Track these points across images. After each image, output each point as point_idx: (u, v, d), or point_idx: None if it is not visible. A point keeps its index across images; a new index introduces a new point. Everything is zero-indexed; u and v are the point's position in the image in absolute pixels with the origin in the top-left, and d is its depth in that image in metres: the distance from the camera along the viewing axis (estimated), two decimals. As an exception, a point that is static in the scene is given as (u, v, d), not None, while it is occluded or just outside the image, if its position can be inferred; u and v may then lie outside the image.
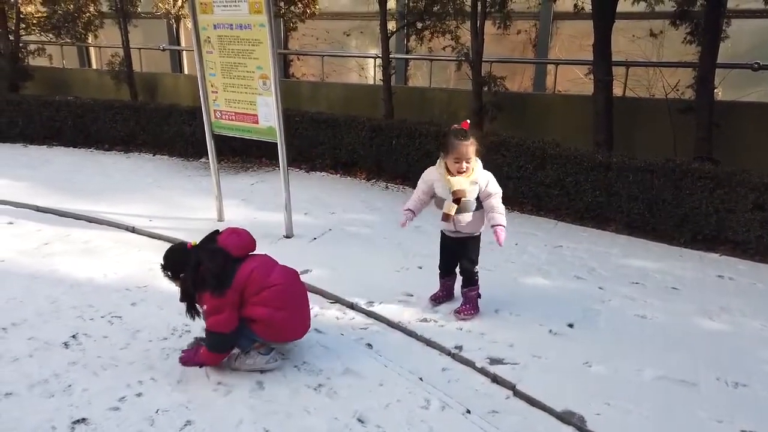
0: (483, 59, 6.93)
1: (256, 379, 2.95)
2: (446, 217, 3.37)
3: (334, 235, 5.03)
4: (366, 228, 5.22)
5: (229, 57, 4.62)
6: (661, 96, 6.70)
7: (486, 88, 6.96)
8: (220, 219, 5.29)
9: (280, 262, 3.14)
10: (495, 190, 3.39)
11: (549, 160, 5.46)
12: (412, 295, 3.89)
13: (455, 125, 3.35)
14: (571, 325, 3.52)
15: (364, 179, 6.94)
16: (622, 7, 6.24)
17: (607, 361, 3.13)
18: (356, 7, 10.48)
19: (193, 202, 5.85)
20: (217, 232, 3.09)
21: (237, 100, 4.73)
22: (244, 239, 3.05)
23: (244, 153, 7.79)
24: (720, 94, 6.56)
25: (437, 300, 3.78)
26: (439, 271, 3.79)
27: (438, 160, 3.42)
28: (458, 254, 3.60)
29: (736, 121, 6.11)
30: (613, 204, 5.20)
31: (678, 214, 4.87)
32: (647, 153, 5.42)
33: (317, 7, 8.23)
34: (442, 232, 3.63)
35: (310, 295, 3.94)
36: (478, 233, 3.53)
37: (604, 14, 6.03)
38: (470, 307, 3.60)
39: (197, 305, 2.90)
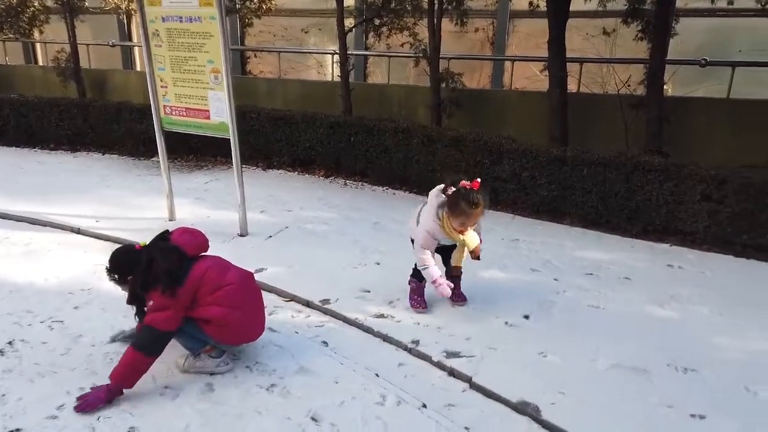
0: (441, 56, 6.94)
1: (206, 381, 2.84)
2: (457, 269, 3.55)
3: (291, 232, 4.93)
4: (323, 225, 5.14)
5: (178, 51, 4.47)
6: (614, 92, 6.84)
7: (444, 85, 6.97)
8: (171, 218, 5.12)
9: (234, 262, 3.04)
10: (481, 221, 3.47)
11: (505, 155, 5.50)
12: (369, 291, 3.83)
13: (465, 182, 3.16)
14: (526, 317, 3.53)
15: (322, 176, 6.86)
16: (575, 5, 6.34)
17: (562, 351, 3.14)
18: (314, 4, 10.37)
19: (143, 202, 5.65)
20: (167, 231, 2.98)
21: (188, 95, 4.59)
22: (197, 238, 2.94)
23: (199, 151, 7.60)
24: (670, 90, 6.75)
25: (423, 305, 3.61)
26: (417, 278, 3.62)
27: (436, 211, 3.26)
28: (446, 255, 3.63)
29: (685, 116, 6.29)
30: (568, 198, 5.27)
31: (630, 206, 4.97)
32: (601, 147, 5.52)
33: (273, 2, 8.08)
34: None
35: (264, 294, 3.84)
36: None
37: (558, 12, 6.12)
38: (461, 291, 3.71)
39: (146, 308, 2.77)
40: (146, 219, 5.12)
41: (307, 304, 3.73)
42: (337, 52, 7.21)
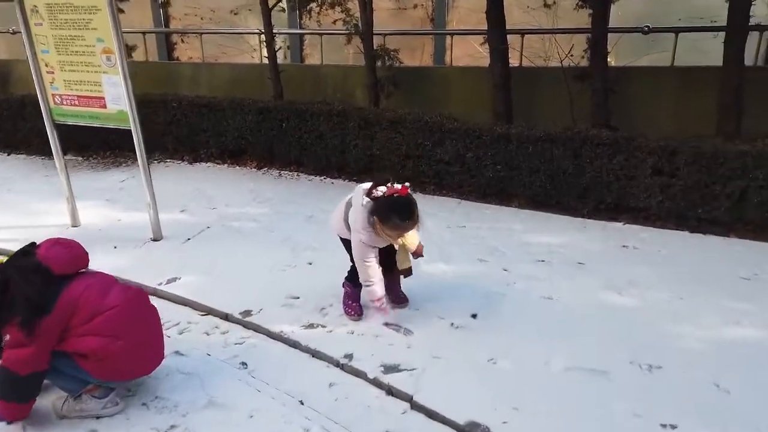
0: (375, 32, 6.46)
1: (90, 427, 2.33)
2: (405, 271, 3.07)
3: (213, 233, 4.40)
4: (251, 222, 4.63)
5: (62, 29, 3.83)
6: (557, 64, 6.54)
7: (380, 63, 6.50)
8: (75, 224, 4.50)
9: (142, 272, 2.51)
10: None
11: (447, 136, 5.10)
12: (298, 298, 3.38)
13: (392, 187, 2.71)
14: (474, 316, 3.15)
15: (254, 168, 6.31)
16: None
17: (513, 354, 2.78)
18: (242, -17, 9.68)
19: (46, 207, 4.98)
20: (34, 244, 2.42)
21: (78, 81, 3.96)
22: (72, 251, 2.40)
23: (117, 147, 6.90)
24: (613, 60, 6.48)
25: (359, 311, 3.20)
26: (352, 282, 3.21)
27: (367, 217, 2.76)
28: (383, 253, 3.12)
29: (630, 86, 6.04)
30: (515, 178, 4.93)
31: (579, 184, 4.66)
32: (547, 123, 5.19)
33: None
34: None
35: (177, 309, 3.36)
36: None
37: (496, -21, 5.73)
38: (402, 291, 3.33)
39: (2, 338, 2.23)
40: (45, 227, 4.47)
41: (226, 317, 3.24)
42: (263, 31, 6.60)
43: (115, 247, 4.11)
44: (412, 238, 2.96)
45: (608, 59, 5.76)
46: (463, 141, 5.04)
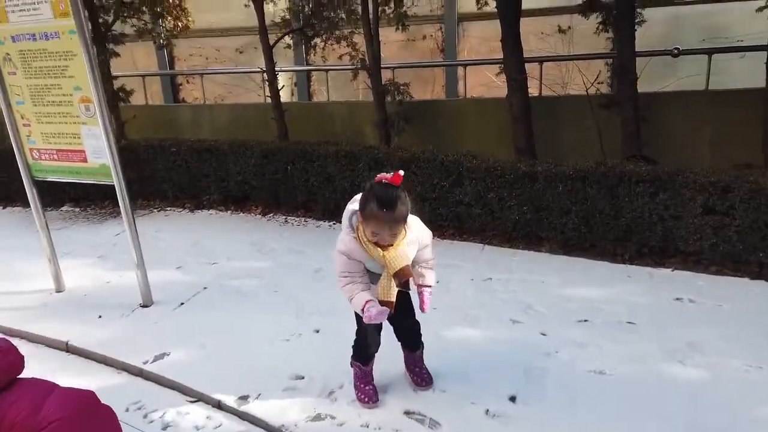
0: (382, 65, 6.10)
1: None
2: (388, 305, 2.29)
3: (210, 295, 3.95)
4: (253, 279, 4.17)
5: (37, 78, 3.47)
6: (579, 92, 6.11)
7: (389, 98, 6.11)
8: (59, 289, 4.07)
9: (125, 345, 2.02)
10: (427, 236, 2.44)
11: (466, 175, 4.64)
12: (302, 378, 2.89)
13: (384, 175, 2.18)
14: (513, 399, 2.63)
15: (259, 214, 5.89)
16: (527, 4, 5.62)
17: (566, 454, 2.25)
18: (248, 21, 9.45)
19: (32, 267, 4.56)
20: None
21: (56, 134, 3.59)
22: (7, 359, 1.92)
23: (116, 196, 6.53)
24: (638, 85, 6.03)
25: (374, 397, 2.65)
26: (361, 356, 2.67)
27: (350, 217, 2.31)
28: (397, 319, 2.54)
29: (661, 114, 5.57)
30: (544, 220, 4.44)
31: (618, 225, 4.16)
32: (573, 156, 4.74)
33: (191, 19, 7.12)
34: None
35: (163, 393, 2.90)
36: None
37: (510, 7, 5.34)
38: (427, 369, 2.77)
39: None
40: (27, 293, 4.07)
41: (219, 405, 2.76)
42: (264, 69, 6.26)
43: (99, 317, 3.67)
44: (395, 255, 2.21)
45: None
46: (483, 180, 4.58)
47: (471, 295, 3.75)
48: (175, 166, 6.19)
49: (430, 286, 2.43)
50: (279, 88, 6.20)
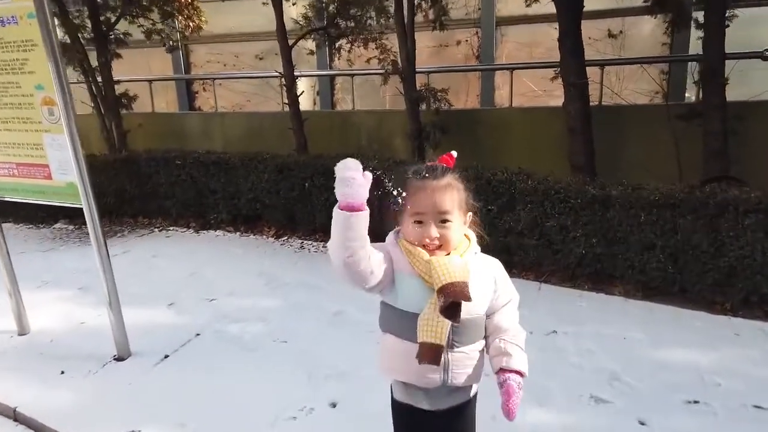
0: (417, 69, 5.32)
1: None
2: (432, 354, 1.39)
3: (202, 344, 3.17)
4: (257, 323, 3.39)
5: (-9, 73, 2.77)
6: (646, 101, 5.24)
7: (424, 106, 5.32)
8: (22, 332, 3.33)
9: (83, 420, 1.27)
10: (511, 291, 1.58)
11: (519, 198, 3.82)
12: (312, 482, 2.07)
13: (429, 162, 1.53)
14: None
15: (272, 237, 5.14)
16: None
17: None
18: (268, 25, 8.80)
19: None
20: None
21: (15, 143, 2.88)
22: None
23: (116, 211, 5.87)
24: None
25: None
26: None
27: (391, 235, 1.57)
28: (443, 425, 1.57)
29: (751, 126, 4.66)
30: (619, 256, 3.58)
31: (719, 266, 3.27)
32: (642, 177, 3.89)
33: (203, 19, 6.45)
34: (396, 399, 1.60)
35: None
36: (476, 389, 1.60)
37: (571, 0, 4.53)
38: None
39: None
40: (-17, 335, 3.34)
41: None
42: (283, 74, 5.52)
43: (62, 372, 2.91)
44: (445, 261, 1.40)
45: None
46: (541, 205, 3.74)
47: (535, 356, 2.88)
48: (180, 181, 5.49)
49: (520, 374, 1.44)
50: (298, 94, 5.45)
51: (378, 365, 1.56)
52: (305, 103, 7.26)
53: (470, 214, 1.50)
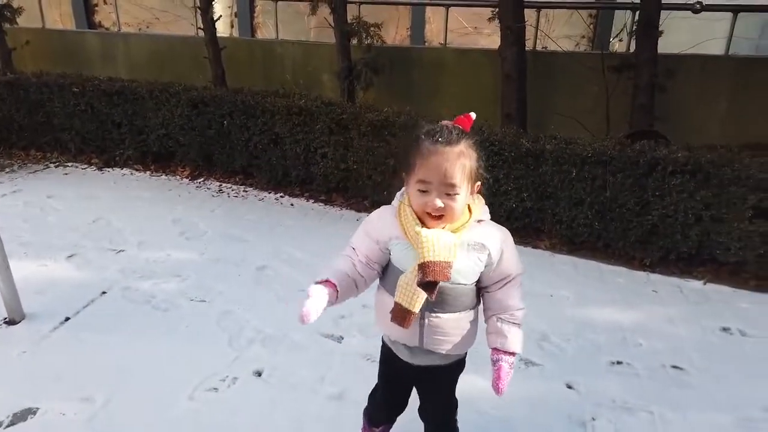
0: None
1: None
2: (402, 317, 1.42)
3: (109, 304, 2.87)
4: (173, 279, 3.11)
5: None
6: (583, 50, 5.18)
7: (356, 41, 4.96)
8: None
9: None
10: (515, 266, 1.49)
11: (454, 149, 3.67)
12: (236, 461, 1.93)
13: (445, 123, 1.39)
14: None
15: (187, 178, 4.76)
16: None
17: None
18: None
19: None
20: None
21: None
22: None
23: (2, 143, 5.17)
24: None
25: None
26: (369, 412, 1.86)
27: (397, 195, 1.49)
28: (421, 391, 1.70)
29: (679, 81, 4.73)
30: (548, 211, 3.58)
31: (642, 224, 3.34)
32: (570, 128, 3.88)
33: None
34: (384, 341, 1.65)
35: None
36: (465, 354, 1.62)
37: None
38: None
39: None
40: None
41: None
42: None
43: (-61, 339, 2.54)
44: (435, 236, 1.34)
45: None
46: (475, 157, 3.63)
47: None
48: (78, 111, 4.90)
49: (513, 354, 1.49)
50: (215, 18, 4.90)
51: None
52: (223, 28, 6.61)
53: (478, 183, 1.39)
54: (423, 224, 1.37)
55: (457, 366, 1.61)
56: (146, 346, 2.52)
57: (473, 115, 1.42)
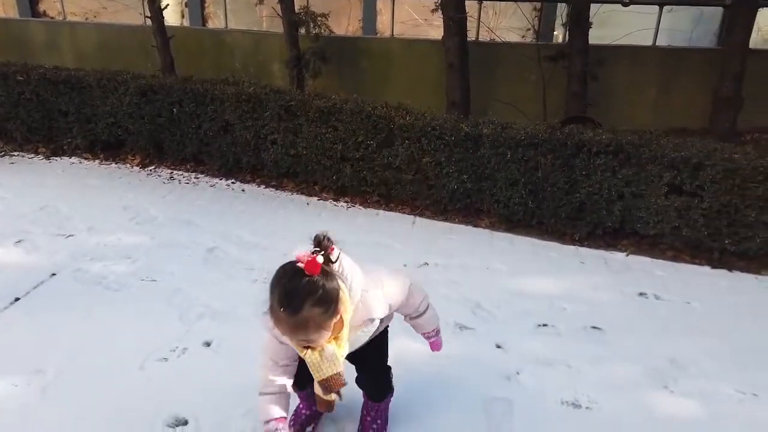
0: (296, -11, 5.02)
1: None
2: (328, 406, 1.83)
3: (59, 285, 2.92)
4: (123, 262, 3.18)
5: None
6: (518, 40, 5.43)
7: (303, 31, 5.07)
8: None
9: None
10: (401, 294, 1.73)
11: (398, 134, 3.86)
12: (186, 423, 2.06)
13: (303, 255, 1.43)
14: (473, 450, 1.99)
15: (137, 166, 4.78)
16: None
17: None
18: None
19: None
20: None
21: None
22: None
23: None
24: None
25: (303, 422, 2.02)
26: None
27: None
28: (358, 357, 1.82)
29: (610, 70, 5.03)
30: (486, 191, 3.81)
31: (571, 201, 3.61)
32: (511, 115, 4.11)
33: None
34: None
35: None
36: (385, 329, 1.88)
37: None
38: (382, 423, 2.00)
39: None
40: None
41: (55, 477, 1.87)
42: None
43: None
44: (317, 359, 1.53)
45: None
46: (418, 141, 3.82)
47: (406, 287, 3.04)
48: (23, 100, 4.85)
49: (433, 331, 1.96)
50: (162, 7, 4.93)
51: None
52: (172, 18, 6.59)
53: (337, 316, 1.47)
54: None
55: (379, 337, 1.81)
56: (97, 323, 2.60)
57: (320, 259, 1.42)
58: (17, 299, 2.77)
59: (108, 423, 2.03)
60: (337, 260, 1.47)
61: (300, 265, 1.40)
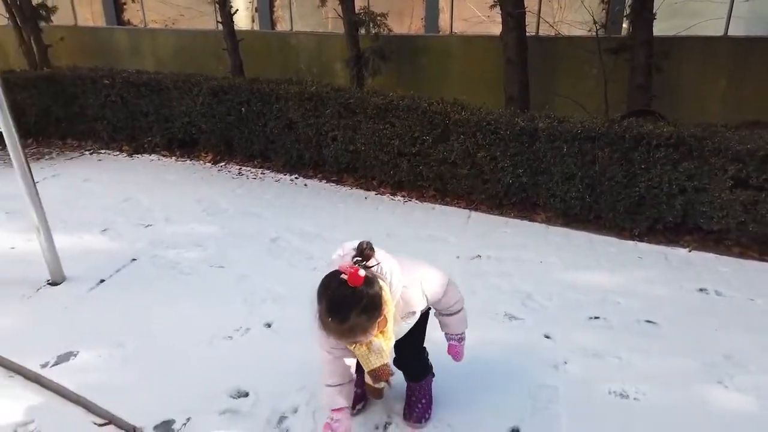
0: (357, -9, 5.18)
1: None
2: (378, 394, 2.14)
3: (139, 269, 3.21)
4: (194, 250, 3.44)
5: None
6: (581, 33, 5.34)
7: (363, 30, 5.23)
8: (-54, 258, 3.27)
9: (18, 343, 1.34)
10: (439, 289, 1.84)
11: (453, 129, 3.93)
12: (246, 395, 2.24)
13: (346, 266, 1.55)
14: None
15: (209, 162, 5.10)
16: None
17: None
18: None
19: None
20: None
21: None
22: None
23: (41, 132, 5.60)
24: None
25: (355, 402, 2.06)
26: None
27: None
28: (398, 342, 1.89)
29: (674, 63, 4.87)
30: (542, 185, 3.81)
31: (630, 196, 3.55)
32: (572, 109, 4.07)
33: None
34: None
35: (63, 411, 2.24)
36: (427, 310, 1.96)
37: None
38: (426, 403, 2.10)
39: None
40: None
41: (134, 434, 2.10)
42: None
43: (-7, 297, 2.91)
44: (365, 352, 1.66)
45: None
46: (473, 136, 3.88)
47: (458, 278, 3.11)
48: (109, 102, 5.29)
49: (458, 335, 2.01)
50: (232, 12, 5.23)
51: None
52: (243, 22, 6.95)
53: (383, 315, 1.59)
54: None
55: (418, 325, 1.88)
56: (171, 304, 2.85)
57: (362, 272, 1.52)
58: (102, 281, 3.07)
59: (179, 391, 2.24)
60: (377, 264, 1.60)
61: (343, 276, 1.51)
